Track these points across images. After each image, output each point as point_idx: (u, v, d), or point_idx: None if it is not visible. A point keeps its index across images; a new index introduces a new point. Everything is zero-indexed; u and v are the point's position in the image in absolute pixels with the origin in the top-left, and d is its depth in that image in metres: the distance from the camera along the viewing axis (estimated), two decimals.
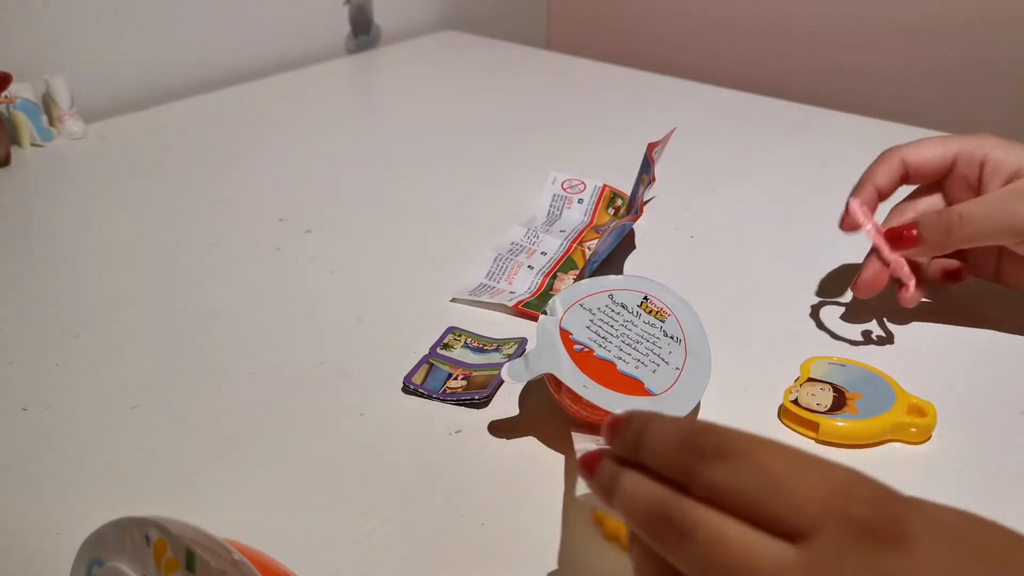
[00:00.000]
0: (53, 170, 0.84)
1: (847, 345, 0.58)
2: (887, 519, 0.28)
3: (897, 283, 0.57)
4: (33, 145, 0.88)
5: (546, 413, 0.51)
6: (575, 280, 0.62)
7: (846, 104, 1.03)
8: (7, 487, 0.46)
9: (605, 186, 0.74)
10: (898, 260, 0.56)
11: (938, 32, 1.10)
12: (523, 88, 1.05)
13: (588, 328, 0.49)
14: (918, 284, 0.56)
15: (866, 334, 0.59)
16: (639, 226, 0.73)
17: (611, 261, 0.68)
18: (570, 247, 0.67)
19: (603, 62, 1.14)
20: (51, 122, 0.89)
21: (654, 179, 0.68)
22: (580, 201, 0.73)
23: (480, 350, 0.57)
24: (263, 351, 0.57)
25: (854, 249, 0.69)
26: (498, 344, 0.57)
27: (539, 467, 0.48)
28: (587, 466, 0.35)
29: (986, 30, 1.07)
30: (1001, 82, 1.07)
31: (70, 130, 0.89)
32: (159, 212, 0.75)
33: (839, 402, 0.50)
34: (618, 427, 0.34)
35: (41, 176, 0.83)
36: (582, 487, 0.36)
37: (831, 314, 0.61)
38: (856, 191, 0.59)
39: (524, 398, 0.53)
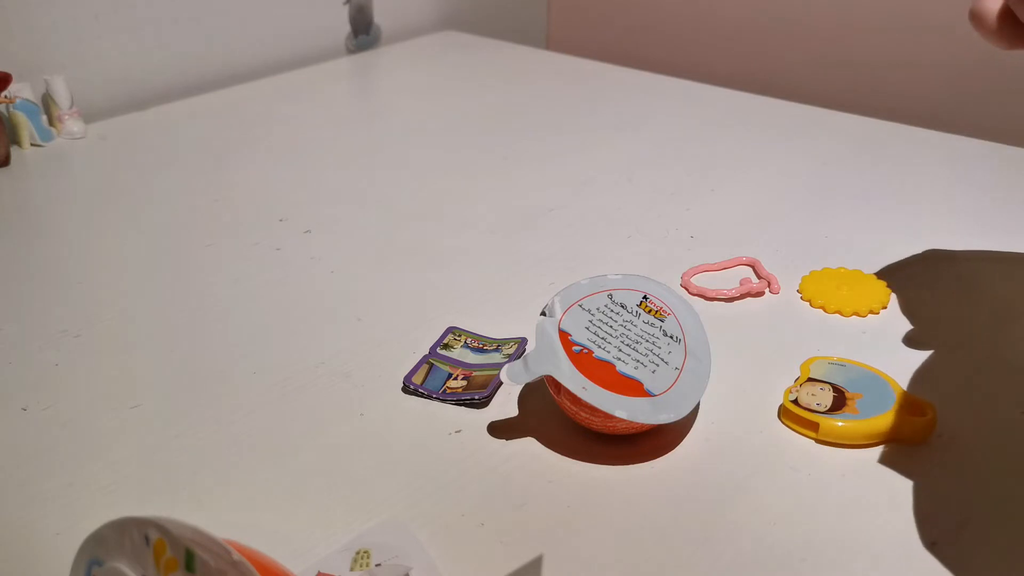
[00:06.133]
0: (53, 170, 0.84)
1: (847, 345, 0.58)
2: None
3: None
4: (33, 145, 0.88)
5: (545, 414, 0.51)
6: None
7: (847, 104, 1.03)
8: (7, 487, 0.46)
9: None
10: None
11: (940, 32, 1.10)
12: (523, 88, 1.05)
13: (587, 329, 0.49)
14: None
15: (868, 335, 0.59)
16: (639, 225, 0.73)
17: (610, 261, 0.68)
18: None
19: (603, 62, 1.13)
20: (51, 122, 0.89)
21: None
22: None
23: (480, 350, 0.57)
24: (263, 351, 0.57)
25: (854, 249, 0.69)
26: (498, 344, 0.57)
27: (539, 467, 0.48)
28: None
29: None
30: (1006, 80, 1.07)
31: (70, 130, 0.89)
32: (159, 212, 0.75)
33: (839, 402, 0.50)
34: None
35: (41, 176, 0.83)
36: None
37: (831, 314, 0.61)
38: None
39: (524, 399, 0.53)
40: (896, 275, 0.65)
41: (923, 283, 0.65)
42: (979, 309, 0.62)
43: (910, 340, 0.58)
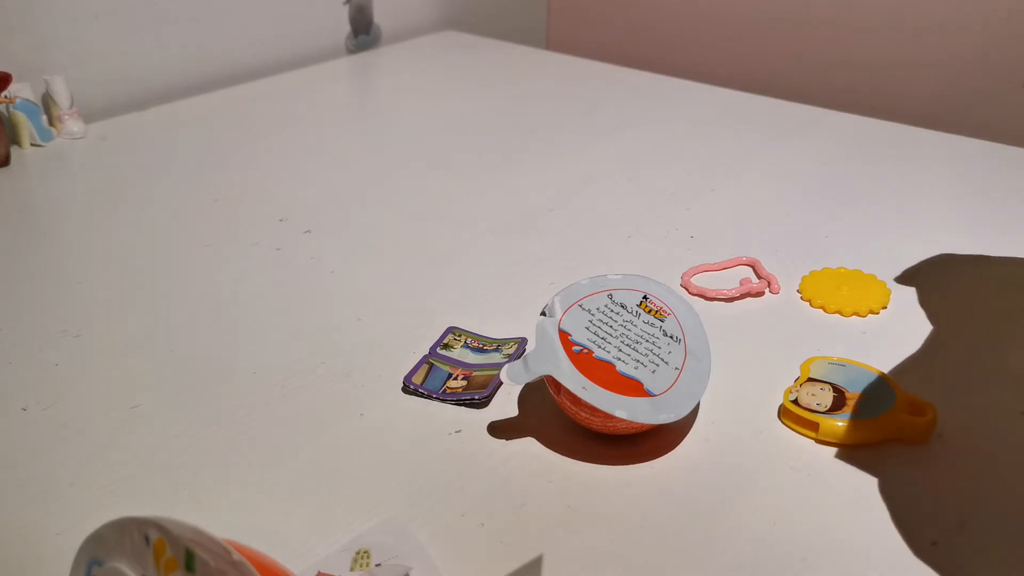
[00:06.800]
0: (53, 170, 0.84)
1: (847, 345, 0.58)
2: None
3: None
4: (33, 145, 0.88)
5: (545, 414, 0.51)
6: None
7: (847, 104, 1.03)
8: (7, 487, 0.46)
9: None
10: None
11: (940, 32, 1.10)
12: (523, 88, 1.05)
13: (587, 329, 0.49)
14: None
15: (868, 335, 0.59)
16: (639, 225, 0.73)
17: (610, 261, 0.68)
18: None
19: (603, 62, 1.14)
20: (51, 122, 0.89)
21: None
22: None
23: (480, 350, 0.57)
24: (263, 351, 0.57)
25: (854, 249, 0.69)
26: (498, 344, 0.57)
27: (538, 467, 0.48)
28: None
29: (991, 29, 1.07)
30: (1006, 81, 1.07)
31: (70, 130, 0.89)
32: (159, 212, 0.75)
33: (839, 402, 0.50)
34: None
35: (41, 176, 0.83)
36: None
37: (831, 314, 0.61)
38: None
39: (524, 399, 0.53)
40: (896, 275, 0.65)
41: (923, 283, 0.65)
42: (979, 309, 0.62)
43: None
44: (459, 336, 0.58)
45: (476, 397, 0.52)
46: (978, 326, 0.60)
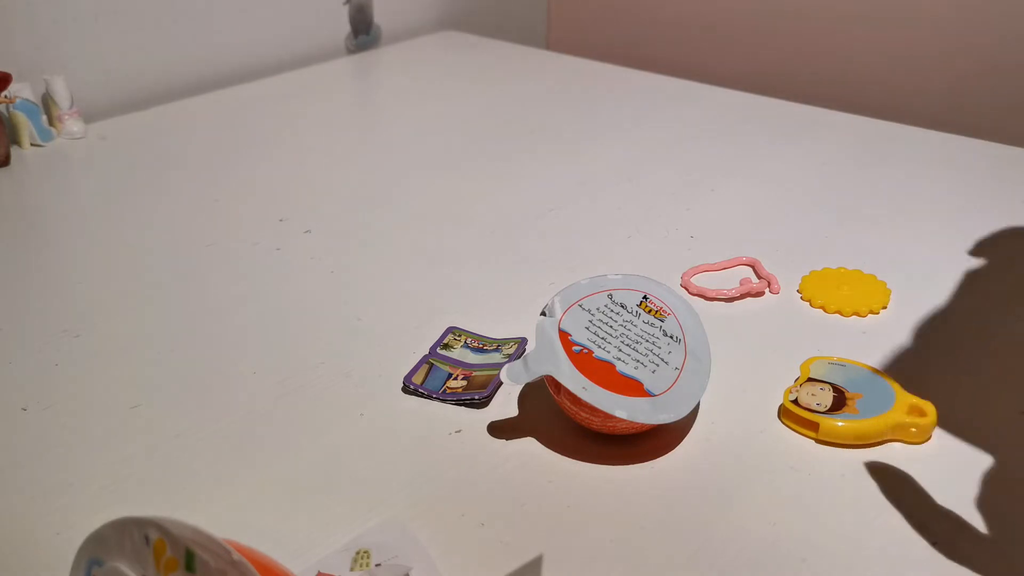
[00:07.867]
0: (53, 170, 0.84)
1: (847, 345, 0.58)
2: None
3: None
4: (33, 145, 0.88)
5: (545, 414, 0.51)
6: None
7: (847, 104, 1.03)
8: (7, 487, 0.46)
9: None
10: None
11: (941, 33, 1.10)
12: (523, 88, 1.05)
13: (587, 329, 0.49)
14: None
15: (867, 335, 0.59)
16: (639, 225, 0.73)
17: (610, 261, 0.68)
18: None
19: (603, 62, 1.14)
20: (51, 122, 0.89)
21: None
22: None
23: (480, 350, 0.57)
24: (263, 351, 0.57)
25: (854, 249, 0.69)
26: (498, 344, 0.57)
27: (539, 467, 0.48)
28: None
29: (992, 29, 1.07)
30: (1006, 82, 1.07)
31: (70, 130, 0.89)
32: (159, 212, 0.75)
33: (839, 402, 0.50)
34: None
35: (41, 176, 0.83)
36: None
37: (831, 314, 0.61)
38: None
39: (524, 399, 0.53)
40: (896, 275, 0.65)
41: (923, 283, 0.65)
42: (979, 309, 0.62)
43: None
44: (459, 336, 0.58)
45: (476, 397, 0.52)
46: (979, 326, 0.60)
